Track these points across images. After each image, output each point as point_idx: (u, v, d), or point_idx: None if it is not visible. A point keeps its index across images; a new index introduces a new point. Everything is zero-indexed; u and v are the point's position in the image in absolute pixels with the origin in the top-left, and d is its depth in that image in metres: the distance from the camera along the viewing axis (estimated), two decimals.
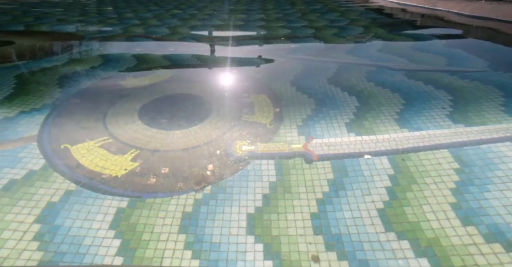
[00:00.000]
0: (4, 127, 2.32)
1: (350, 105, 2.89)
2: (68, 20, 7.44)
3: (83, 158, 2.03)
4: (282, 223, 1.66)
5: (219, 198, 1.80)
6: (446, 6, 8.28)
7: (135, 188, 1.82)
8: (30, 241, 1.41)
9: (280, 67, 4.07)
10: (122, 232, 1.51)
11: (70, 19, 7.61)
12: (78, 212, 1.60)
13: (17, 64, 3.91)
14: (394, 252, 1.51)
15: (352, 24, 7.20)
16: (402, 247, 1.55)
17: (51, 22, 7.24)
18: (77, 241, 1.43)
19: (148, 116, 2.60)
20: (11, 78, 3.34)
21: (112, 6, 10.47)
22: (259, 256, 1.46)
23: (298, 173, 2.03)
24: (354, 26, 6.90)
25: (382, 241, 1.58)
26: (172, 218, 1.63)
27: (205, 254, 1.44)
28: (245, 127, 2.46)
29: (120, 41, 5.48)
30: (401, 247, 1.55)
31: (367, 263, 1.46)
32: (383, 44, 5.31)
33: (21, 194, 1.67)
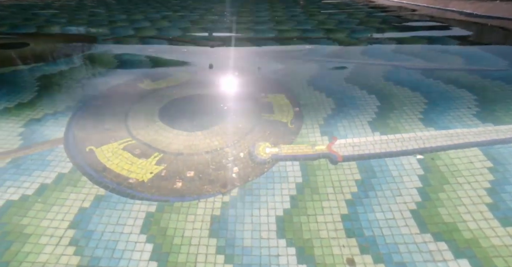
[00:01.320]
0: (32, 130, 2.36)
1: (370, 104, 2.84)
2: (77, 22, 7.52)
3: (109, 162, 2.05)
4: (312, 226, 1.63)
5: (246, 200, 1.78)
6: (458, 6, 8.07)
7: (162, 192, 1.82)
8: (66, 246, 1.43)
9: (294, 67, 4.04)
10: (153, 237, 1.51)
11: (79, 20, 7.69)
12: (109, 217, 1.61)
13: (36, 66, 3.95)
14: (432, 254, 1.46)
15: (362, 25, 7.09)
16: (440, 249, 1.49)
17: (61, 23, 7.33)
18: (111, 246, 1.44)
19: (168, 117, 2.61)
20: (33, 81, 3.39)
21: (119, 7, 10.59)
22: (292, 260, 1.43)
23: (324, 174, 1.99)
24: (365, 27, 6.79)
25: (418, 243, 1.53)
26: (202, 221, 1.62)
27: (238, 258, 1.42)
28: (266, 127, 2.44)
29: (133, 43, 5.51)
30: (439, 249, 1.49)
31: (404, 266, 1.41)
32: (396, 44, 5.20)
33: (53, 200, 1.71)
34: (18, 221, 1.55)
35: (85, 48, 5.07)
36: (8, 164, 1.95)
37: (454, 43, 5.24)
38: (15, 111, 2.66)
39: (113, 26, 7.04)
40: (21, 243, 1.42)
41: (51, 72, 3.73)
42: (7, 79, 3.39)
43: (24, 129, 2.38)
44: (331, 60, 4.36)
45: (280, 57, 4.57)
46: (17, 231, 1.49)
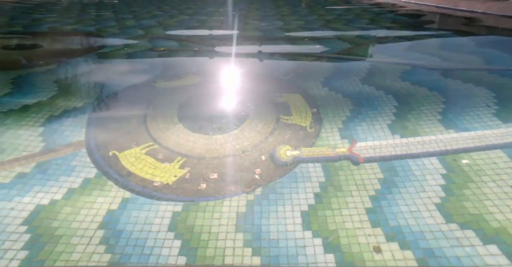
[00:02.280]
0: (52, 132, 2.40)
1: (388, 105, 2.85)
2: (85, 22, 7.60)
3: (133, 167, 2.10)
4: (337, 218, 1.63)
5: (270, 198, 1.80)
6: (469, 6, 8.12)
7: (187, 193, 1.86)
8: (97, 245, 1.46)
9: (308, 67, 4.07)
10: (181, 234, 1.53)
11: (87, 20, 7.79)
12: (137, 217, 1.65)
13: (50, 68, 3.98)
14: (459, 240, 1.45)
15: (372, 25, 7.17)
16: (467, 236, 1.48)
17: (71, 23, 7.40)
18: (140, 243, 1.47)
19: (187, 120, 2.63)
20: (51, 82, 3.41)
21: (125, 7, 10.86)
22: (319, 250, 1.43)
23: (346, 174, 2.01)
24: (375, 27, 6.87)
25: (445, 231, 1.52)
26: (227, 218, 1.64)
27: (265, 250, 1.43)
28: (286, 131, 2.47)
29: (144, 43, 5.50)
30: (466, 236, 1.48)
31: (431, 251, 1.40)
32: (410, 44, 5.24)
33: (81, 203, 1.75)
34: (49, 224, 1.59)
35: (94, 47, 5.03)
36: (33, 169, 2.01)
37: (468, 43, 5.24)
38: (33, 112, 2.69)
39: (120, 26, 7.10)
40: (54, 244, 1.46)
41: (64, 72, 3.79)
42: (22, 80, 3.45)
43: (44, 131, 2.41)
44: (344, 59, 4.37)
45: (291, 57, 4.59)
46: (49, 233, 1.54)
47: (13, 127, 2.43)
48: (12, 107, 2.76)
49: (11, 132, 2.35)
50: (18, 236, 1.52)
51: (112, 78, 3.62)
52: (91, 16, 8.44)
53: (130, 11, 9.65)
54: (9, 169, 2.03)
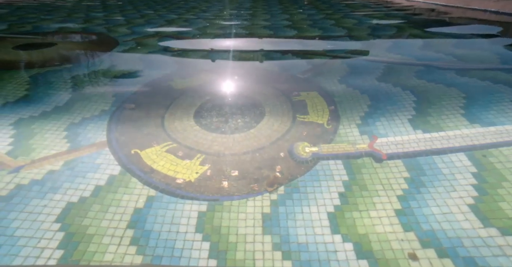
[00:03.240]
0: (76, 133, 2.44)
1: (407, 100, 2.75)
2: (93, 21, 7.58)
3: (155, 164, 2.11)
4: (366, 221, 1.59)
5: (294, 198, 1.77)
6: (481, 5, 7.67)
7: (210, 191, 1.85)
8: (128, 246, 1.48)
9: (322, 65, 3.98)
10: (208, 235, 1.53)
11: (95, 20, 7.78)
12: (164, 217, 1.65)
13: (66, 67, 4.00)
14: (502, 249, 1.38)
15: (381, 23, 6.91)
16: (510, 244, 1.40)
17: (79, 22, 7.40)
18: (169, 245, 1.48)
19: (204, 119, 2.63)
20: (68, 82, 3.46)
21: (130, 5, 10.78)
22: (351, 256, 1.40)
23: (370, 172, 1.95)
24: (386, 26, 6.61)
25: (484, 237, 1.45)
26: (253, 219, 1.63)
27: (295, 255, 1.41)
28: (303, 128, 2.42)
29: (156, 42, 5.49)
30: (509, 243, 1.40)
31: (473, 261, 1.34)
32: (423, 43, 5.04)
33: (109, 201, 1.77)
34: (80, 222, 1.62)
35: (106, 47, 5.00)
36: (62, 167, 2.04)
37: (483, 43, 5.00)
38: (55, 114, 2.73)
39: (130, 25, 7.06)
40: (86, 244, 1.49)
41: (81, 73, 3.80)
42: (39, 80, 3.47)
43: (68, 132, 2.44)
44: (358, 58, 4.29)
45: (305, 55, 4.52)
46: (81, 232, 1.56)
47: (39, 129, 2.47)
48: (34, 109, 2.80)
49: (39, 134, 2.40)
50: (53, 234, 1.56)
51: (129, 78, 3.63)
52: (99, 16, 8.38)
53: (137, 11, 9.54)
54: (39, 167, 2.08)
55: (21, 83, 3.36)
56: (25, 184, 1.91)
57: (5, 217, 1.69)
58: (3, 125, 2.51)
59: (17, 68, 3.92)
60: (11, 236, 1.57)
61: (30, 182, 1.93)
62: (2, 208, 1.75)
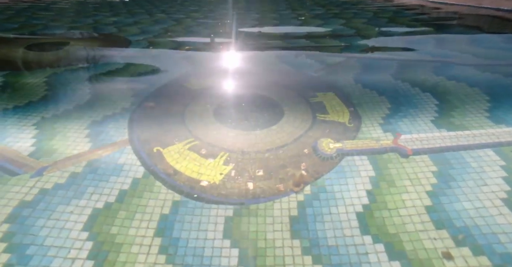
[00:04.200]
0: (97, 131, 2.44)
1: (428, 101, 2.68)
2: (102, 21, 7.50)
3: (178, 164, 2.10)
4: (396, 220, 1.55)
5: (321, 198, 1.74)
6: (494, 3, 7.32)
7: (235, 194, 1.84)
8: (157, 255, 1.49)
9: (336, 65, 3.89)
10: (237, 241, 1.52)
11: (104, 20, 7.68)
12: (190, 223, 1.65)
13: (82, 67, 3.99)
14: None
15: (392, 23, 6.69)
16: None
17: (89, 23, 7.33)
18: (198, 253, 1.47)
19: (224, 117, 2.62)
20: (86, 81, 3.46)
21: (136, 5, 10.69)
22: (383, 257, 1.37)
23: (397, 167, 1.90)
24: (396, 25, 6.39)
25: None
26: (281, 223, 1.61)
27: (326, 259, 1.39)
28: (325, 126, 2.37)
29: (167, 42, 5.44)
30: None
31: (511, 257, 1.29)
32: (436, 41, 4.86)
33: (134, 207, 1.78)
34: (108, 230, 1.63)
35: (120, 47, 4.98)
36: (85, 168, 2.05)
37: (497, 40, 4.79)
38: (75, 113, 2.73)
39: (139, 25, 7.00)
40: (116, 253, 1.50)
41: (97, 72, 3.79)
42: (56, 81, 3.47)
43: (89, 131, 2.44)
44: (371, 57, 4.19)
45: (317, 55, 4.42)
46: (109, 240, 1.58)
47: (61, 128, 2.47)
48: (53, 109, 2.80)
49: (61, 133, 2.40)
50: (82, 244, 1.57)
51: (145, 77, 3.63)
52: (107, 16, 8.32)
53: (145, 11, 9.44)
54: (62, 168, 2.08)
55: (40, 83, 3.37)
56: (49, 189, 1.92)
57: (33, 224, 1.71)
58: (26, 125, 2.51)
59: (34, 68, 3.93)
60: (41, 245, 1.60)
61: (54, 186, 1.93)
62: (29, 215, 1.78)
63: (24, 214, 1.77)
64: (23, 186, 1.94)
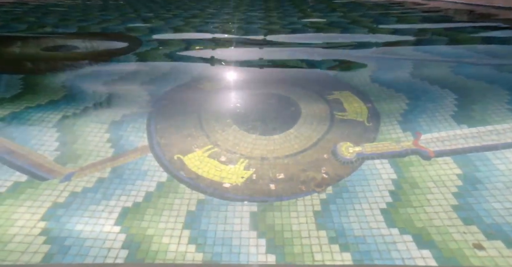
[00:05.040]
0: (117, 135, 2.49)
1: (446, 98, 2.69)
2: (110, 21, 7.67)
3: (200, 170, 2.18)
4: (423, 216, 1.56)
5: (344, 196, 1.77)
6: (507, 2, 7.52)
7: (258, 194, 1.89)
8: (187, 245, 1.53)
9: (350, 65, 3.96)
10: (263, 232, 1.56)
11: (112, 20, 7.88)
12: (217, 218, 1.70)
13: (97, 69, 4.02)
14: None
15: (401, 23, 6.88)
16: None
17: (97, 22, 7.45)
18: (227, 242, 1.51)
19: (241, 121, 2.64)
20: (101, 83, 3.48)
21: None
22: (411, 246, 1.37)
23: (419, 169, 1.92)
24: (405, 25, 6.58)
25: None
26: (305, 217, 1.64)
27: (353, 246, 1.40)
28: (343, 127, 2.42)
29: (178, 42, 5.48)
30: None
31: None
32: (449, 40, 4.95)
33: (162, 205, 1.85)
34: (138, 225, 1.70)
35: (131, 48, 4.94)
36: (110, 174, 2.13)
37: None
38: (94, 116, 2.77)
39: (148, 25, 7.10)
40: (148, 243, 1.55)
41: (111, 73, 3.82)
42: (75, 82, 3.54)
43: (110, 136, 2.49)
44: (385, 56, 4.25)
45: (330, 54, 4.51)
46: (141, 233, 1.64)
47: (81, 131, 2.54)
48: (72, 112, 2.84)
49: (81, 137, 2.47)
50: (115, 236, 1.64)
51: (160, 78, 3.64)
52: (115, 16, 8.55)
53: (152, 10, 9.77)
54: (89, 174, 2.17)
55: (58, 85, 3.44)
56: (78, 192, 1.99)
57: (68, 221, 1.78)
58: (47, 127, 2.58)
59: (50, 70, 4.00)
60: (77, 237, 1.67)
61: (83, 189, 2.01)
62: (63, 214, 1.86)
63: (59, 213, 1.86)
64: (54, 189, 2.03)
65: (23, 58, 4.59)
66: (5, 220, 1.79)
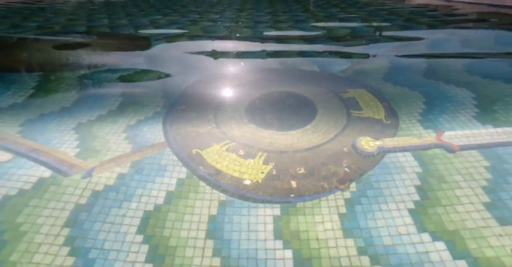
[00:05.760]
0: (134, 134, 2.48)
1: (465, 97, 2.55)
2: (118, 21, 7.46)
3: (219, 164, 2.12)
4: (454, 216, 1.49)
5: (369, 195, 1.70)
6: None
7: (280, 193, 1.83)
8: (211, 258, 1.51)
9: (361, 63, 3.78)
10: (288, 242, 1.52)
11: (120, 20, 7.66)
12: (239, 224, 1.67)
13: (110, 69, 3.99)
14: None
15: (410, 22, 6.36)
16: None
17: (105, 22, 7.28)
18: (252, 255, 1.49)
19: (257, 118, 2.60)
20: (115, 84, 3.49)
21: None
22: (446, 256, 1.33)
23: (444, 162, 1.81)
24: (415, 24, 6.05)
25: None
26: (331, 221, 1.59)
27: (384, 259, 1.36)
28: (361, 123, 2.31)
29: (187, 42, 5.37)
30: None
31: None
32: (463, 38, 4.58)
33: (183, 208, 1.81)
34: (160, 233, 1.68)
35: (141, 48, 4.93)
36: (130, 169, 2.09)
37: None
38: (110, 116, 2.77)
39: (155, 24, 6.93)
40: (172, 257, 1.54)
41: (124, 74, 3.80)
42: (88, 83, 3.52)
43: (126, 133, 2.48)
44: (396, 55, 4.02)
45: (341, 54, 4.33)
46: (163, 243, 1.62)
47: (99, 131, 2.53)
48: (90, 113, 2.85)
49: (100, 136, 2.46)
50: (138, 247, 1.63)
51: (172, 78, 3.64)
52: (122, 15, 8.33)
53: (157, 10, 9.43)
54: (109, 169, 2.14)
55: (71, 85, 3.43)
56: (100, 190, 1.97)
57: (91, 228, 1.78)
58: (66, 129, 2.57)
59: (64, 70, 3.99)
60: (101, 249, 1.66)
61: (105, 188, 1.99)
62: (86, 219, 1.85)
63: (81, 217, 1.85)
64: (76, 187, 2.00)
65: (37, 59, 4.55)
66: (31, 225, 1.78)
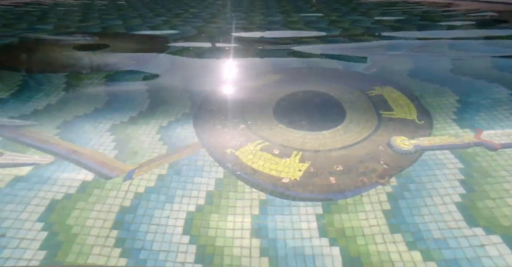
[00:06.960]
0: (167, 135, 2.52)
1: (500, 94, 2.46)
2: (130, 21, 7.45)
3: (254, 164, 2.15)
4: (506, 210, 1.45)
5: (412, 189, 1.68)
6: None
7: (320, 189, 1.84)
8: (260, 258, 1.54)
9: (384, 61, 3.71)
10: (334, 239, 1.53)
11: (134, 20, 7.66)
12: (283, 223, 1.69)
13: (132, 70, 4.00)
14: None
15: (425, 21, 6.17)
16: None
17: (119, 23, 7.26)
18: (299, 253, 1.50)
19: (284, 117, 2.60)
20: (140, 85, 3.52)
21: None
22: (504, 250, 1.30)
23: (486, 159, 1.78)
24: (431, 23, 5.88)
25: None
26: (375, 218, 1.58)
27: (436, 253, 1.35)
28: (394, 124, 2.29)
29: (205, 42, 5.35)
30: None
31: None
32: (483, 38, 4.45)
33: (224, 208, 1.85)
34: (206, 233, 1.72)
35: (160, 49, 4.91)
36: (169, 170, 2.14)
37: None
38: (141, 118, 2.82)
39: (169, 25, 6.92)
40: (220, 256, 1.58)
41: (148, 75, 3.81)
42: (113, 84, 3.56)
43: (160, 135, 2.52)
44: (418, 54, 3.96)
45: (361, 52, 4.24)
46: (210, 244, 1.66)
47: (134, 133, 2.57)
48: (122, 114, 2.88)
49: (134, 138, 2.50)
50: (186, 247, 1.68)
51: (197, 79, 3.64)
52: (132, 15, 8.33)
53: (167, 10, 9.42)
54: (148, 171, 2.19)
55: (98, 86, 3.48)
56: (142, 193, 2.02)
57: (138, 229, 1.83)
58: (102, 131, 2.63)
59: (87, 71, 4.03)
60: (151, 250, 1.72)
61: (146, 190, 2.03)
62: (132, 221, 1.91)
63: (127, 219, 1.91)
64: (119, 190, 2.05)
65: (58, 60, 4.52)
66: (81, 227, 1.85)
